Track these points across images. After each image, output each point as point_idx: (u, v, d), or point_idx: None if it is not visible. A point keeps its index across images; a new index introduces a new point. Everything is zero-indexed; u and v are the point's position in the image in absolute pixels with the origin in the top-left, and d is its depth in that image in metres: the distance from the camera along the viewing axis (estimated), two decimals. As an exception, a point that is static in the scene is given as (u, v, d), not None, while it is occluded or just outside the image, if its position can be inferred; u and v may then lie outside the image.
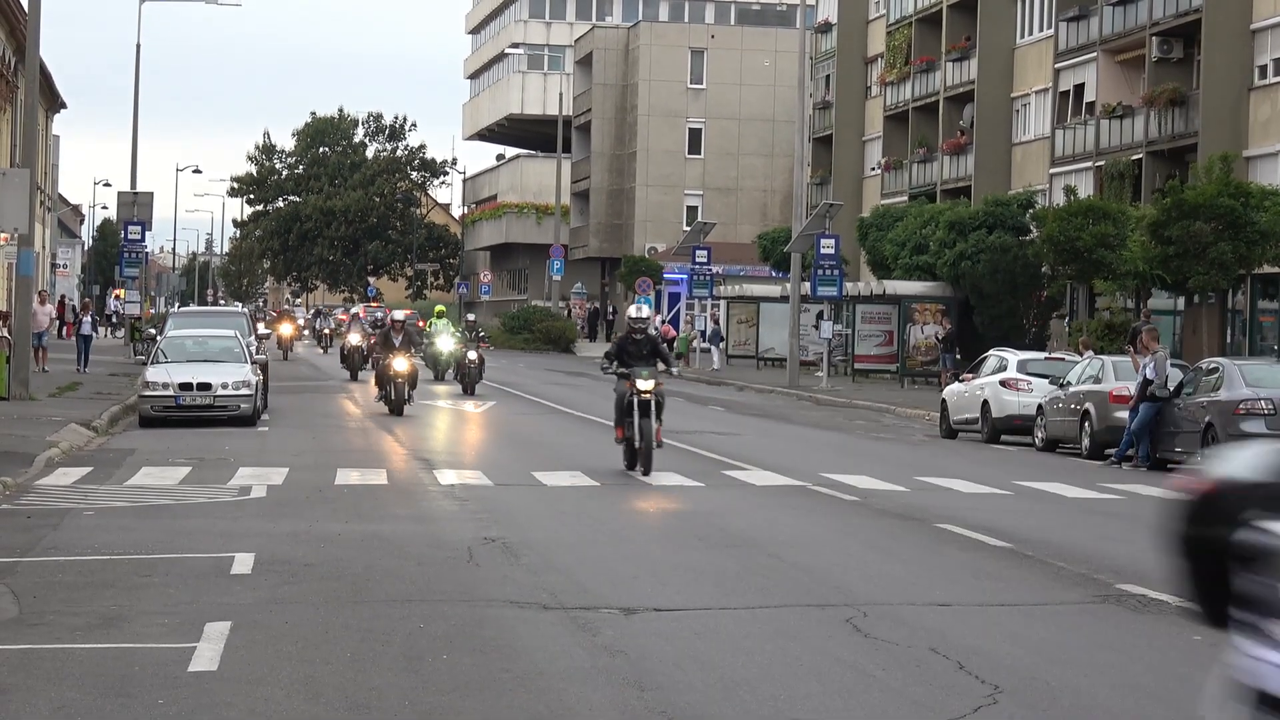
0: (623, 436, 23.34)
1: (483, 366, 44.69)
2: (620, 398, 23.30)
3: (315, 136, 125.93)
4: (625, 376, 23.40)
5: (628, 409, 23.07)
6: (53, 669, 10.41)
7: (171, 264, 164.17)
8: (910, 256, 56.55)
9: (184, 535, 16.57)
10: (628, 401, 23.07)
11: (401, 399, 34.95)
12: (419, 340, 39.57)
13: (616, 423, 23.50)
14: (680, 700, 9.85)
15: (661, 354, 24.06)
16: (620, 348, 23.99)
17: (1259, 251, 40.21)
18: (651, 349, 23.90)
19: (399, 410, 34.61)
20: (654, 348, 24.00)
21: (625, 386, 23.24)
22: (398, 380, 34.93)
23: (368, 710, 9.49)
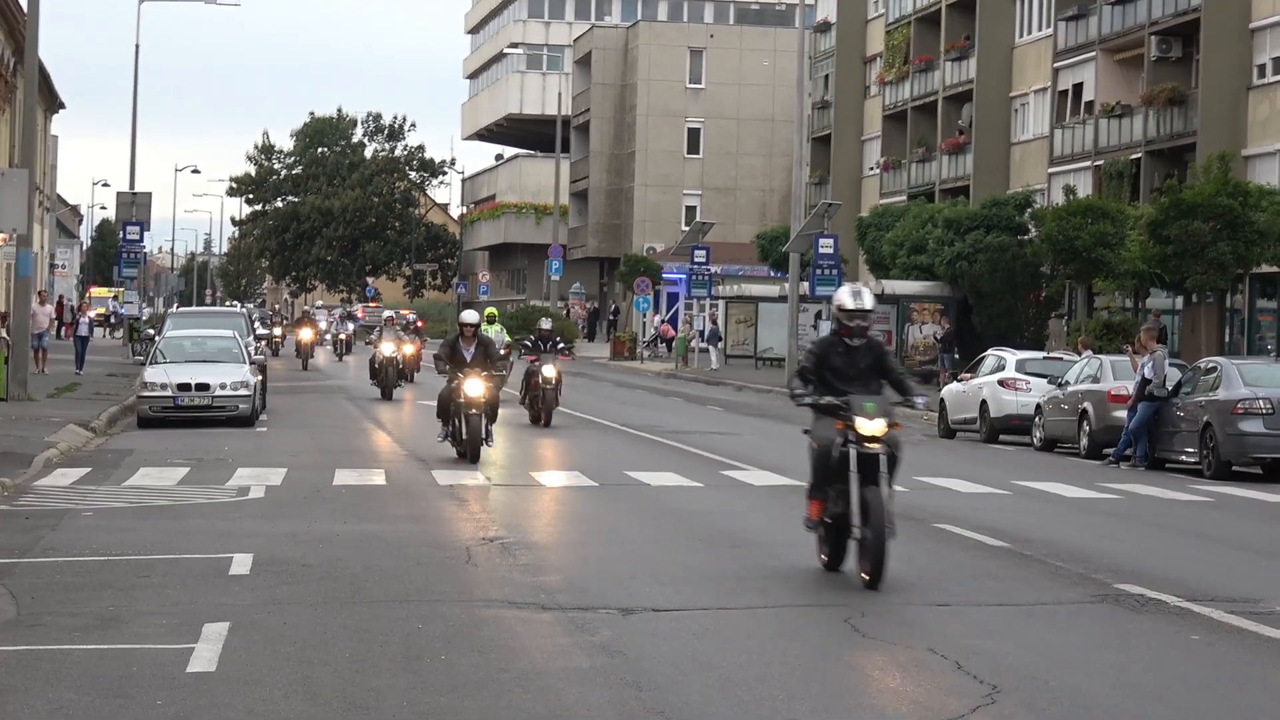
0: (821, 514, 14.50)
1: (560, 387, 33.41)
2: (825, 451, 14.17)
3: (314, 136, 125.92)
4: (835, 412, 14.15)
5: (838, 468, 14.03)
6: (51, 670, 10.40)
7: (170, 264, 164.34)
8: (908, 256, 56.54)
9: (182, 536, 16.56)
10: (839, 456, 14.01)
11: (478, 439, 25.03)
12: (499, 356, 28.14)
13: (812, 492, 14.51)
14: (679, 700, 9.84)
15: (892, 372, 14.54)
16: (821, 360, 14.48)
17: (1257, 251, 40.20)
18: (876, 362, 14.42)
19: (475, 454, 24.82)
20: (880, 361, 14.48)
21: (835, 430, 14.09)
22: (471, 412, 24.96)
23: (366, 711, 9.48)
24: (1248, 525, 20.34)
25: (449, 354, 25.88)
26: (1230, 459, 26.42)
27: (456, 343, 26.02)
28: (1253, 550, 17.69)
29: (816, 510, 14.44)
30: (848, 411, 13.94)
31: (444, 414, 25.59)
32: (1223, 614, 12.91)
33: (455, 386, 25.19)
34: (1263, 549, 17.87)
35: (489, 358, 25.86)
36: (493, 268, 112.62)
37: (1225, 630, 12.39)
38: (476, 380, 25.20)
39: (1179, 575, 15.15)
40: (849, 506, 13.87)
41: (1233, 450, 26.33)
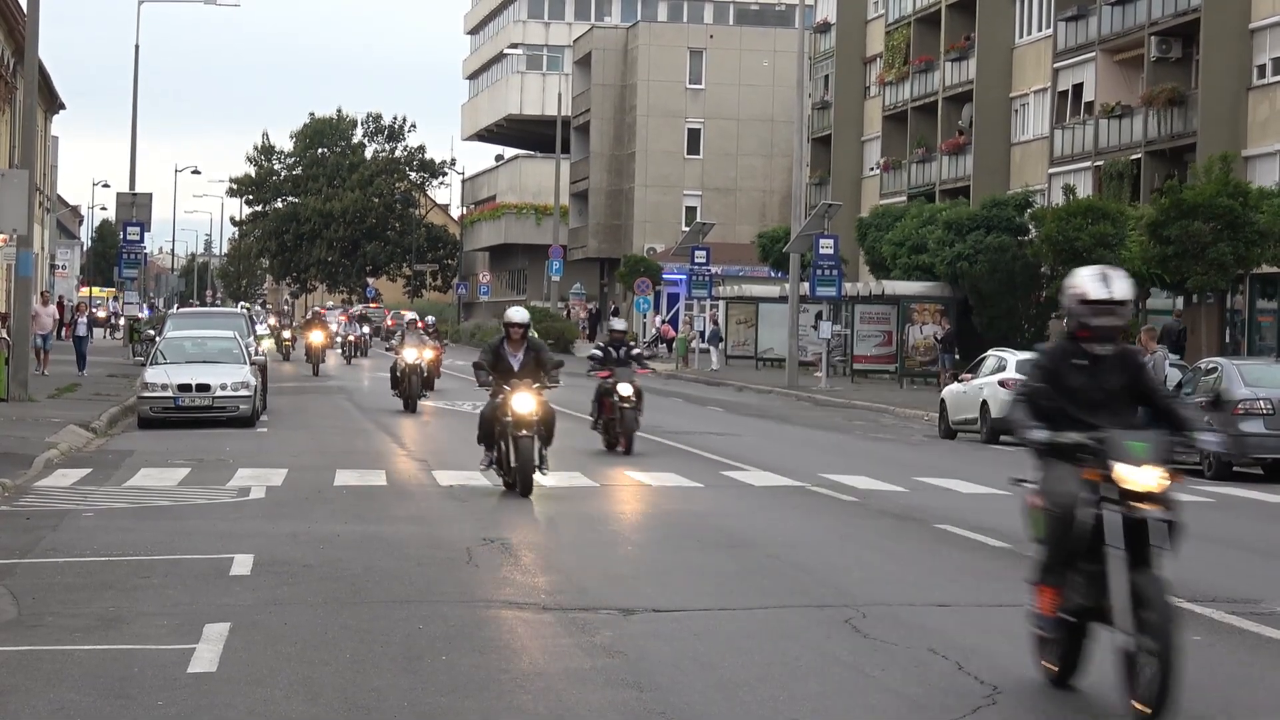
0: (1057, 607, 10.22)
1: (641, 406, 27.20)
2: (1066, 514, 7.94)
3: (314, 137, 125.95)
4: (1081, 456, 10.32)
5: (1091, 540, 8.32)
6: (52, 670, 10.41)
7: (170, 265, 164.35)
8: (909, 256, 56.55)
9: (183, 536, 16.57)
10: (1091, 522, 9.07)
11: (529, 466, 20.36)
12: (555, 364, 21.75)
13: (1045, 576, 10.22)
14: (679, 701, 9.85)
15: (1157, 395, 11.19)
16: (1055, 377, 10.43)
17: (1257, 251, 40.21)
18: (1133, 381, 10.77)
19: (526, 486, 20.25)
20: (1138, 379, 10.83)
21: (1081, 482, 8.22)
22: (520, 434, 20.34)
23: (367, 711, 9.49)
24: (1248, 526, 20.35)
25: (492, 361, 21.19)
26: (1231, 459, 26.41)
27: (501, 348, 21.32)
28: (1253, 550, 17.69)
29: (1050, 602, 10.11)
30: (1104, 454, 9.88)
31: (488, 437, 20.83)
32: (1223, 614, 12.92)
33: (501, 402, 20.53)
34: (1263, 549, 17.88)
35: (541, 366, 21.09)
36: (493, 268, 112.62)
37: (1225, 630, 12.39)
38: (526, 395, 20.52)
39: (1179, 575, 15.11)
40: (1101, 597, 9.75)
41: (1233, 451, 26.32)
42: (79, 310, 51.84)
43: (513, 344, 21.39)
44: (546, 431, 20.67)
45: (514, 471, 20.28)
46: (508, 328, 21.52)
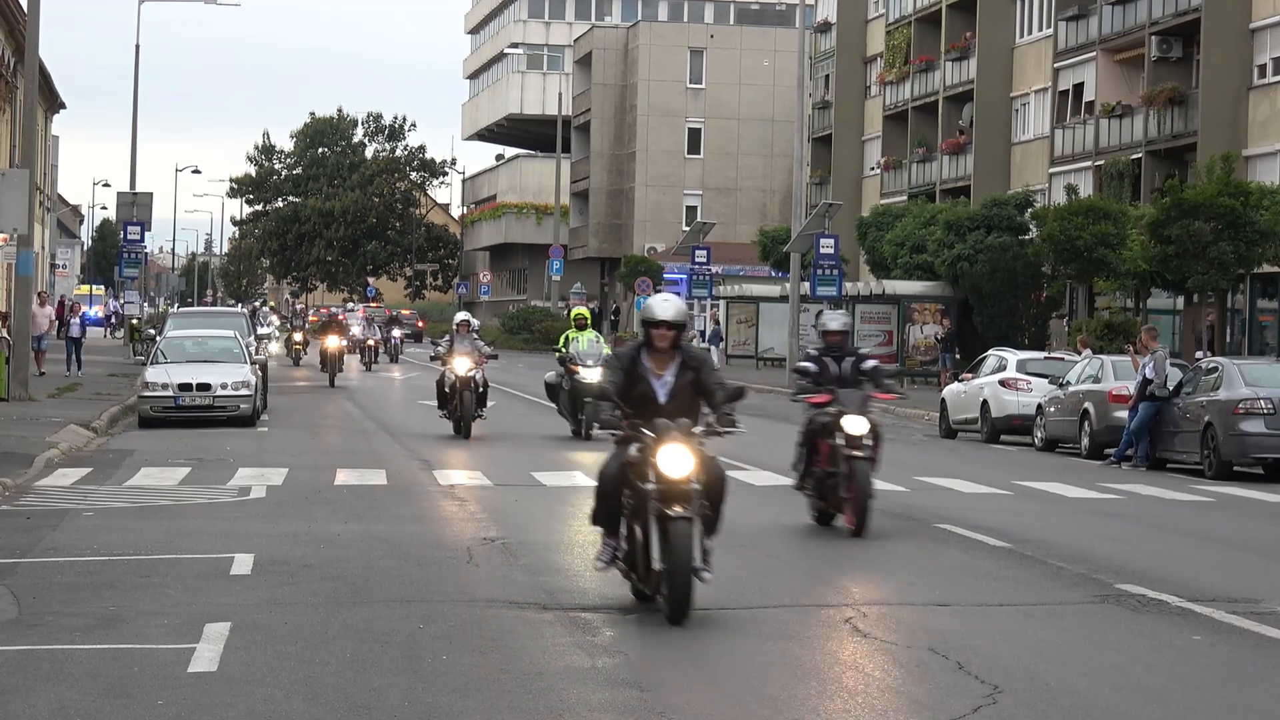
0: None
1: (879, 451, 18.49)
2: None
3: (314, 137, 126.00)
4: None
5: None
6: (52, 670, 10.41)
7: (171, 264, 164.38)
8: (909, 256, 56.55)
9: (183, 536, 16.57)
10: None
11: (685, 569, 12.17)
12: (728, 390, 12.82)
13: None
14: (680, 701, 9.85)
15: None
16: None
17: (1258, 251, 40.22)
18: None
19: (680, 610, 12.14)
20: None
21: None
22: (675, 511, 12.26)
23: (367, 711, 9.49)
24: (1249, 525, 20.34)
25: (622, 387, 12.67)
26: (1231, 459, 26.41)
27: (638, 361, 12.68)
28: (1254, 550, 17.69)
29: None
30: None
31: (610, 508, 12.64)
32: (1224, 614, 12.91)
33: (644, 456, 12.31)
34: (1264, 549, 17.87)
35: (705, 395, 12.69)
36: (493, 268, 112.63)
37: (1226, 630, 12.39)
38: (683, 448, 12.19)
39: (1180, 575, 15.15)
40: None
41: (1234, 450, 26.32)
42: (72, 310, 51.05)
43: (657, 357, 12.62)
44: (713, 509, 12.42)
45: (658, 577, 12.24)
46: (650, 328, 12.54)
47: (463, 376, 29.91)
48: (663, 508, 12.13)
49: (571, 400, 29.92)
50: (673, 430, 12.27)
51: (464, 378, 29.92)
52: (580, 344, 30.36)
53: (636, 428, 12.44)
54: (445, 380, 30.52)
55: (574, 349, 30.17)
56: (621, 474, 12.51)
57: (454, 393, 30.15)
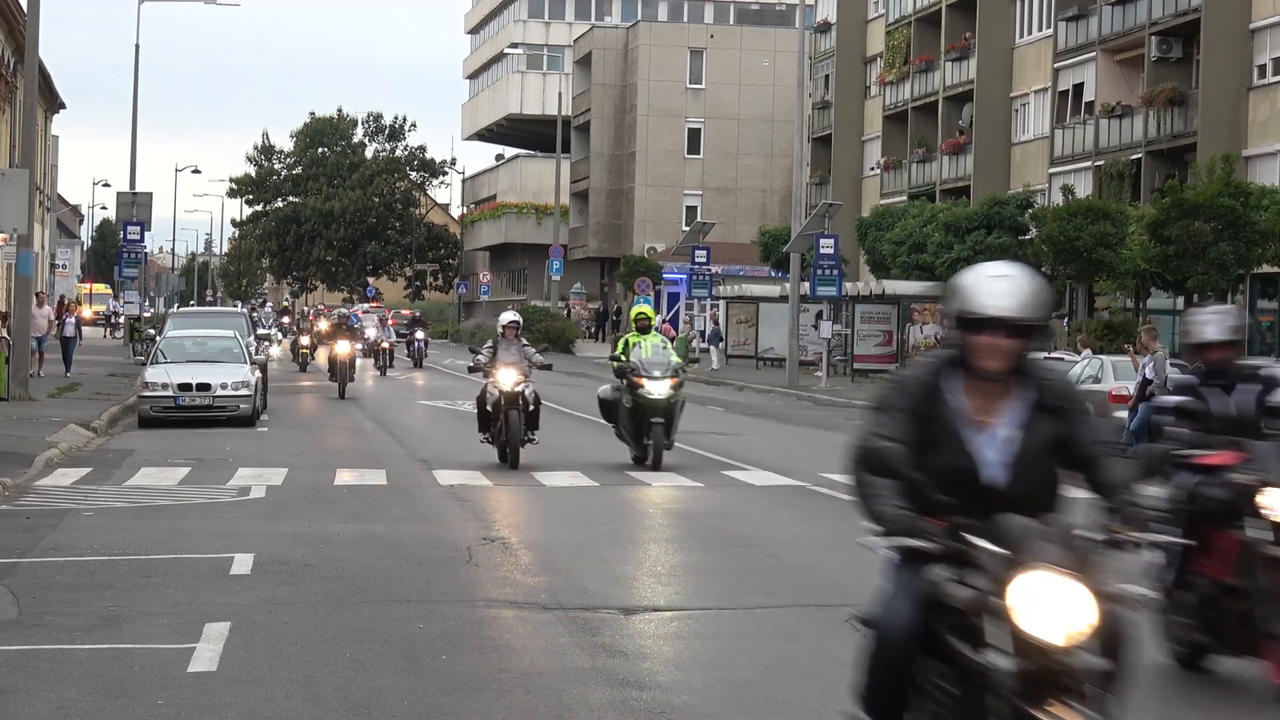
0: None
1: None
2: None
3: (314, 137, 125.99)
4: None
5: None
6: (52, 669, 10.41)
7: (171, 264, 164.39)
8: (909, 256, 56.56)
9: (183, 536, 16.57)
10: None
11: None
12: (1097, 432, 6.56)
13: None
14: (680, 700, 9.85)
15: None
16: None
17: (1258, 251, 40.22)
18: None
19: None
20: None
21: None
22: None
23: (367, 710, 9.49)
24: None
25: (916, 436, 6.75)
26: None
27: (939, 396, 7.08)
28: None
29: None
30: None
31: (890, 691, 6.67)
32: (1223, 614, 12.87)
33: (980, 597, 6.37)
34: (1263, 549, 17.85)
35: (1086, 461, 6.93)
36: (493, 268, 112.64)
37: (1226, 630, 12.36)
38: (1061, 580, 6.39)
39: (1179, 575, 15.13)
40: None
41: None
42: (67, 310, 50.27)
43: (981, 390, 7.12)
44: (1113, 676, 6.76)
45: None
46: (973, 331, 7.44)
47: (509, 392, 24.31)
48: (1029, 708, 6.26)
49: (634, 420, 24.37)
50: (1043, 545, 6.47)
51: (510, 393, 24.31)
52: (644, 350, 24.70)
53: (958, 535, 6.49)
54: (487, 396, 24.69)
55: (636, 356, 24.55)
56: (918, 626, 6.57)
57: (498, 411, 24.44)
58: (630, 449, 24.72)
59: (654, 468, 23.85)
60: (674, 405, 24.45)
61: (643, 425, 24.24)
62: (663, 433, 24.20)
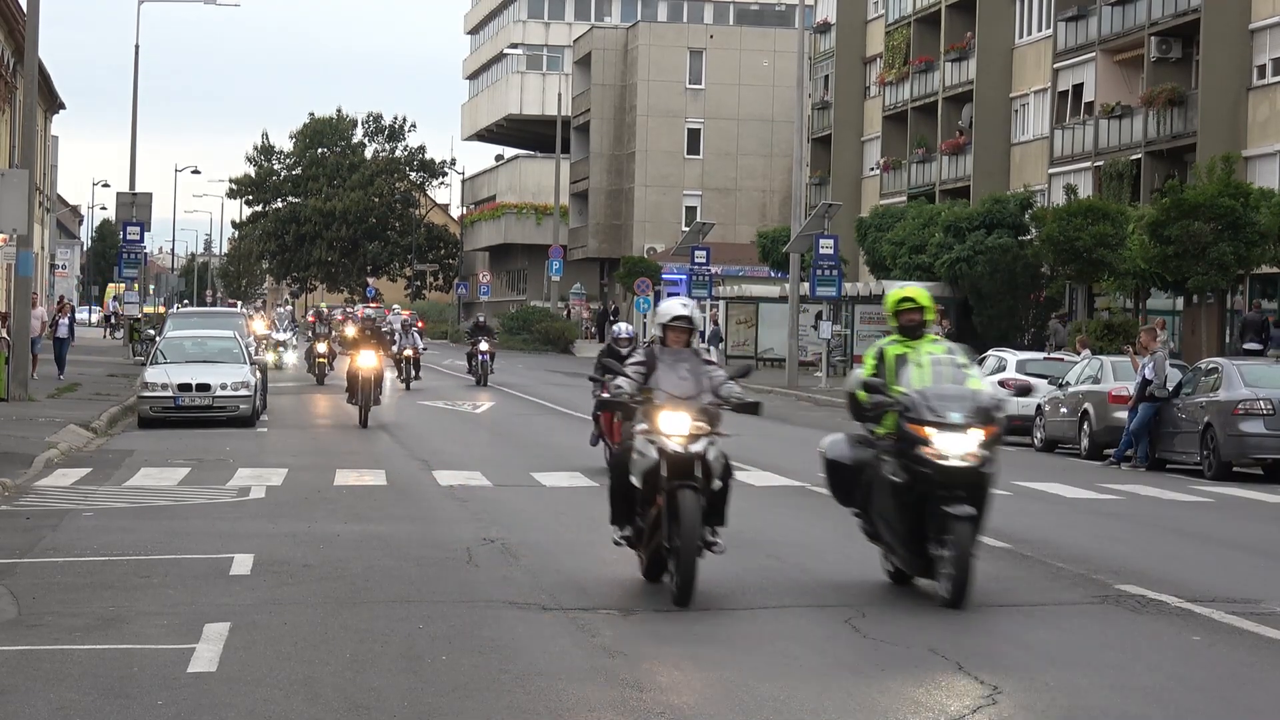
0: None
1: None
2: None
3: (314, 137, 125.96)
4: None
5: None
6: (52, 670, 10.41)
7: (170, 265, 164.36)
8: (909, 256, 56.54)
9: (183, 536, 16.57)
10: None
11: None
12: None
13: None
14: (679, 701, 9.85)
15: None
16: None
17: (1258, 252, 40.21)
18: None
19: None
20: None
21: None
22: None
23: (367, 711, 9.49)
24: (1248, 526, 20.34)
25: None
26: (1231, 460, 26.41)
27: None
28: (1253, 551, 17.69)
29: None
30: None
31: None
32: (1223, 615, 12.91)
33: None
34: (1263, 550, 17.87)
35: None
36: (493, 268, 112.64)
37: (1226, 631, 12.39)
38: None
39: (1179, 576, 15.15)
40: None
41: (1233, 451, 26.32)
42: (60, 310, 49.69)
43: None
44: None
45: None
46: None
47: (678, 455, 13.24)
48: None
49: (906, 508, 13.33)
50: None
51: (680, 458, 13.25)
52: (921, 370, 13.76)
53: None
54: (634, 458, 13.56)
55: (907, 382, 13.61)
56: None
57: (654, 487, 13.41)
58: (888, 557, 14.04)
59: (952, 603, 12.90)
60: (986, 479, 13.30)
61: (928, 516, 13.13)
62: (968, 533, 12.93)
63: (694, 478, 13.10)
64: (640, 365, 13.79)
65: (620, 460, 13.79)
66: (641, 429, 13.38)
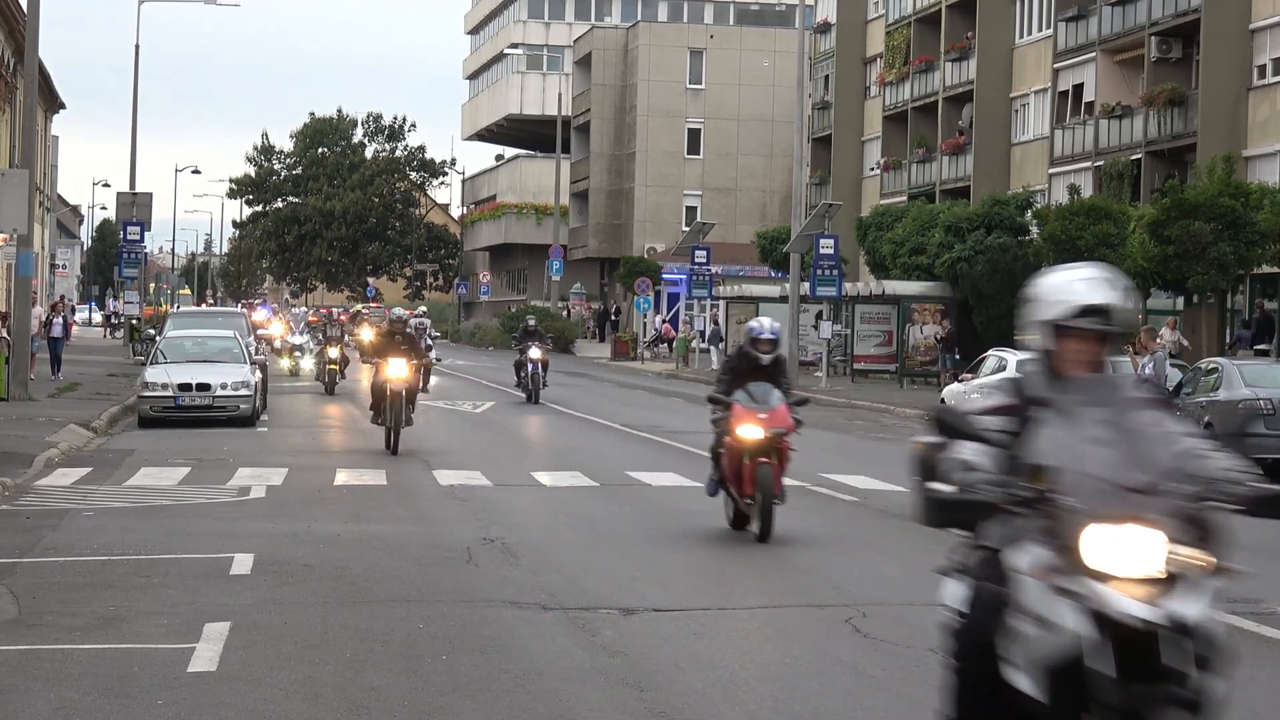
0: None
1: None
2: None
3: (314, 137, 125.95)
4: None
5: None
6: (52, 669, 10.41)
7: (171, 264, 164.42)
8: (909, 256, 56.54)
9: (183, 536, 16.57)
10: None
11: None
12: None
13: None
14: (680, 701, 9.85)
15: None
16: None
17: (1258, 252, 40.21)
18: None
19: None
20: None
21: None
22: None
23: (367, 711, 9.49)
24: (1248, 526, 20.32)
25: None
26: (1230, 459, 26.38)
27: None
28: (1253, 550, 17.63)
29: None
30: None
31: None
32: (1223, 614, 12.88)
33: None
34: (1264, 549, 17.86)
35: None
36: (493, 268, 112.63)
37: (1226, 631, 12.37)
38: None
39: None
40: None
41: (1234, 451, 26.29)
42: (54, 309, 49.37)
43: None
44: None
45: None
46: None
47: (1144, 632, 5.96)
48: None
49: None
50: None
51: (1149, 638, 5.99)
52: None
53: None
54: (1033, 631, 5.96)
55: None
56: None
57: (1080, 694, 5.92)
58: None
59: None
60: None
61: None
62: None
63: (1176, 681, 6.10)
64: (1008, 415, 6.31)
65: (976, 629, 6.26)
66: (1042, 564, 6.00)
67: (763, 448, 16.83)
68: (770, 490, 16.57)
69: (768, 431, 16.89)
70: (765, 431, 16.87)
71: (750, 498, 16.76)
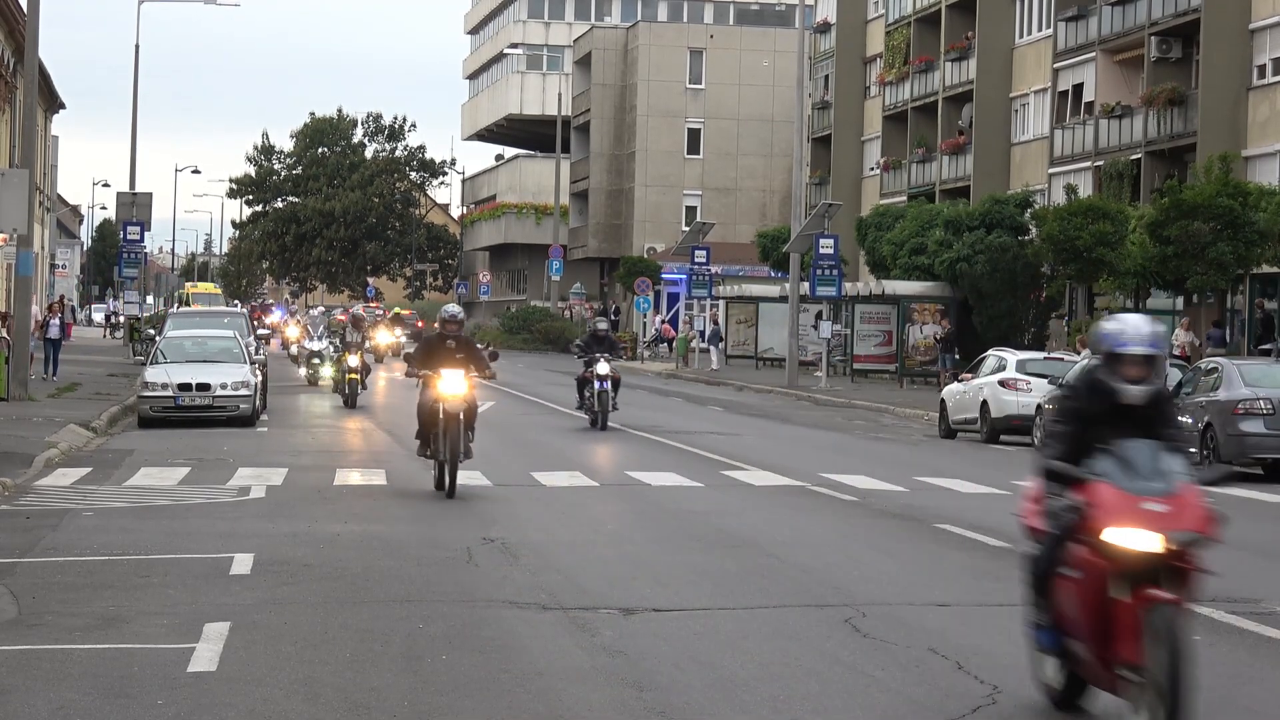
0: None
1: None
2: None
3: (314, 137, 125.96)
4: None
5: None
6: (52, 669, 10.41)
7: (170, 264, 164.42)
8: (909, 256, 56.55)
9: (183, 536, 16.57)
10: None
11: None
12: None
13: None
14: (680, 700, 9.85)
15: None
16: None
17: (1257, 251, 40.21)
18: None
19: None
20: None
21: None
22: None
23: (367, 710, 9.49)
24: (1248, 525, 20.32)
25: None
26: (1231, 459, 26.40)
27: None
28: (1253, 550, 17.67)
29: None
30: None
31: None
32: (1223, 614, 12.90)
33: None
34: (1264, 549, 17.87)
35: None
36: (493, 268, 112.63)
37: (1225, 630, 12.38)
38: None
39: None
40: None
41: (1233, 450, 26.31)
42: (51, 309, 48.99)
43: None
44: None
45: None
46: None
47: None
48: None
49: None
50: None
51: None
52: None
53: None
54: None
55: None
56: None
57: None
58: None
59: None
60: None
61: None
62: None
63: None
64: None
65: None
66: None
67: (1155, 569, 9.06)
68: (1180, 667, 8.66)
69: (1168, 538, 9.07)
70: (1163, 538, 9.07)
71: (1134, 670, 8.89)
